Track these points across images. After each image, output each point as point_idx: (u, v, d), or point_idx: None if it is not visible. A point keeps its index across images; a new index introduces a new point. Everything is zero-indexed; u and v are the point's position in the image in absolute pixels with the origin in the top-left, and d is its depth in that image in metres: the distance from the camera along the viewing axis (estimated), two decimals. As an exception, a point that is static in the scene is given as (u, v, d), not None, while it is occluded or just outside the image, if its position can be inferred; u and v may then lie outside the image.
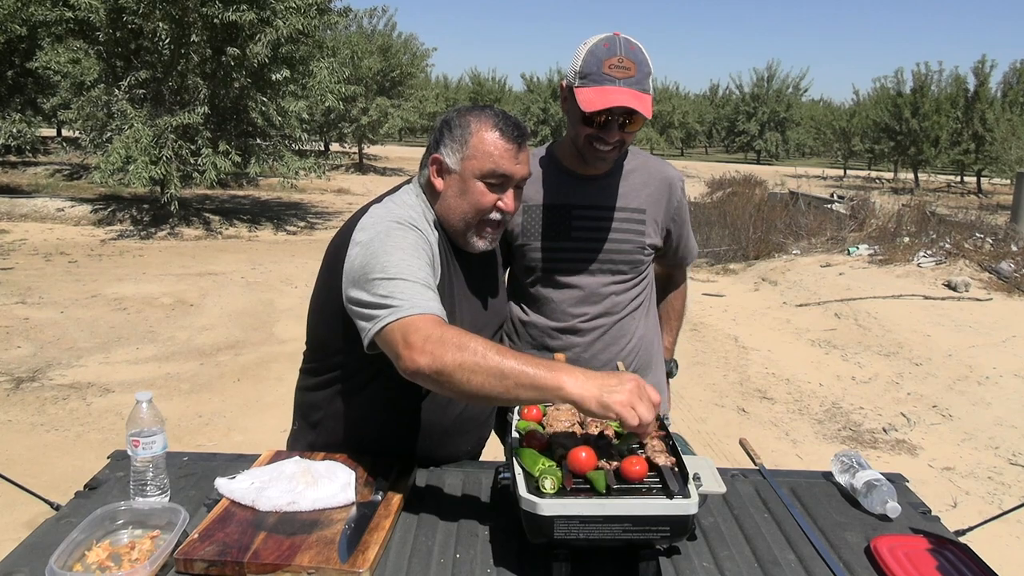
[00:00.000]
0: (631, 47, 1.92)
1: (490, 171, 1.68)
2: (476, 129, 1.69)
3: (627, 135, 1.99)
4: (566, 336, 2.19)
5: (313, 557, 1.34)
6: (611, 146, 1.98)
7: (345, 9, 13.83)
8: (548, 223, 2.13)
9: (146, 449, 1.53)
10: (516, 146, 1.70)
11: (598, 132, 1.96)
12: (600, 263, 2.13)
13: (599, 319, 2.17)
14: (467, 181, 1.70)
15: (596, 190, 2.12)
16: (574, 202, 2.12)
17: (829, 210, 14.63)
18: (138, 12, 11.24)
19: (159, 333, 6.99)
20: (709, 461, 1.59)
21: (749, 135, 43.15)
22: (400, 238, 1.61)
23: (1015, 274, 9.54)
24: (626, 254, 2.14)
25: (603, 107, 1.88)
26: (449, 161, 1.71)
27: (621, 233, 2.12)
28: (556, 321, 2.18)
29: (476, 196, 1.70)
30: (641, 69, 1.91)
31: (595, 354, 2.19)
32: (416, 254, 1.60)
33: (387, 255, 1.56)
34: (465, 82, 50.07)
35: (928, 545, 1.52)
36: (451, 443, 1.87)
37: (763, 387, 6.24)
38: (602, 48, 1.92)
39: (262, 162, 13.23)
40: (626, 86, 1.89)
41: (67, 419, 4.98)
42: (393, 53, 25.04)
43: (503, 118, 1.71)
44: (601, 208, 2.12)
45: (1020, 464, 4.87)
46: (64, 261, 10.08)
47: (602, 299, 2.16)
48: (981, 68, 28.10)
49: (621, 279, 2.16)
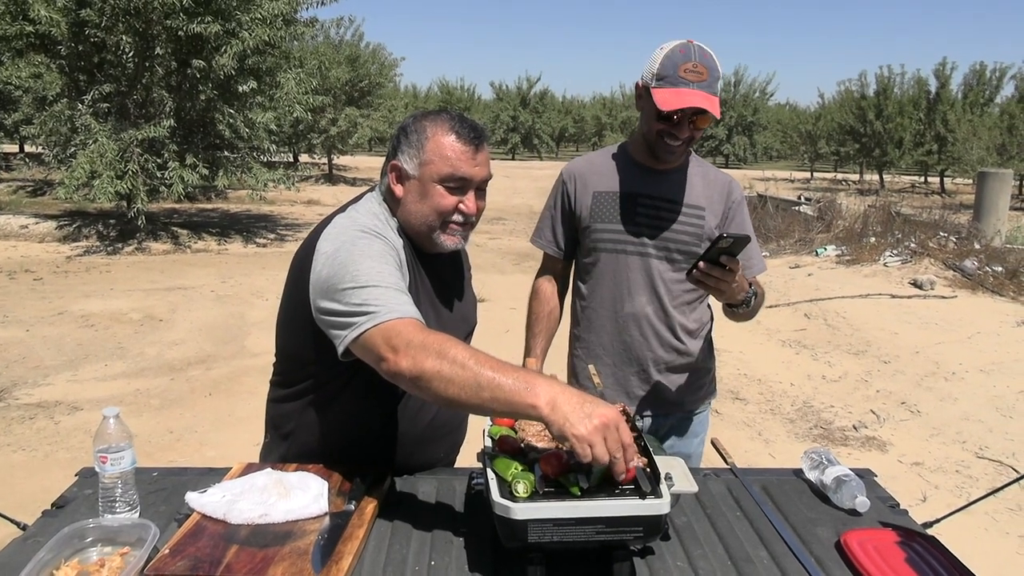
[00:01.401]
0: (704, 54, 2.11)
1: (448, 175, 1.68)
2: (432, 133, 1.68)
3: (696, 132, 2.18)
4: (622, 319, 2.34)
5: (286, 569, 1.33)
6: (680, 141, 2.18)
7: (312, 19, 13.75)
8: (614, 207, 2.32)
9: (114, 465, 1.51)
10: (473, 148, 1.69)
11: (670, 128, 2.16)
12: (658, 249, 2.30)
13: (655, 304, 2.32)
14: (426, 185, 1.69)
15: (662, 183, 2.31)
16: (641, 191, 2.31)
17: (797, 212, 14.79)
18: (101, 25, 11.10)
19: (128, 349, 6.90)
20: (681, 461, 1.60)
21: (717, 140, 43.50)
22: (366, 246, 1.61)
23: (979, 272, 9.72)
24: (683, 244, 2.29)
25: (678, 107, 2.07)
26: (407, 167, 1.71)
27: (681, 224, 2.29)
28: (615, 304, 2.34)
29: (436, 199, 1.69)
30: (712, 74, 2.11)
31: (648, 339, 2.33)
32: (384, 260, 1.60)
33: (355, 264, 1.56)
34: (434, 91, 50.06)
35: (897, 538, 1.54)
36: (425, 450, 1.87)
37: (735, 388, 6.29)
38: (678, 54, 2.10)
39: (230, 174, 13.12)
40: (699, 89, 2.08)
41: (34, 438, 4.89)
42: (361, 63, 24.97)
43: (459, 121, 1.71)
44: (665, 199, 2.30)
45: (987, 457, 4.95)
46: (29, 279, 9.92)
47: (660, 284, 2.31)
48: (942, 70, 28.62)
49: (677, 268, 2.31)
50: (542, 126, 47.27)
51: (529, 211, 18.81)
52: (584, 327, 2.44)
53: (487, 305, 8.26)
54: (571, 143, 55.92)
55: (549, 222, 2.48)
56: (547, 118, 48.06)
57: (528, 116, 46.54)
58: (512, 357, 2.52)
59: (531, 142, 47.30)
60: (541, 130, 47.19)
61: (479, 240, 14.07)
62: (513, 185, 25.73)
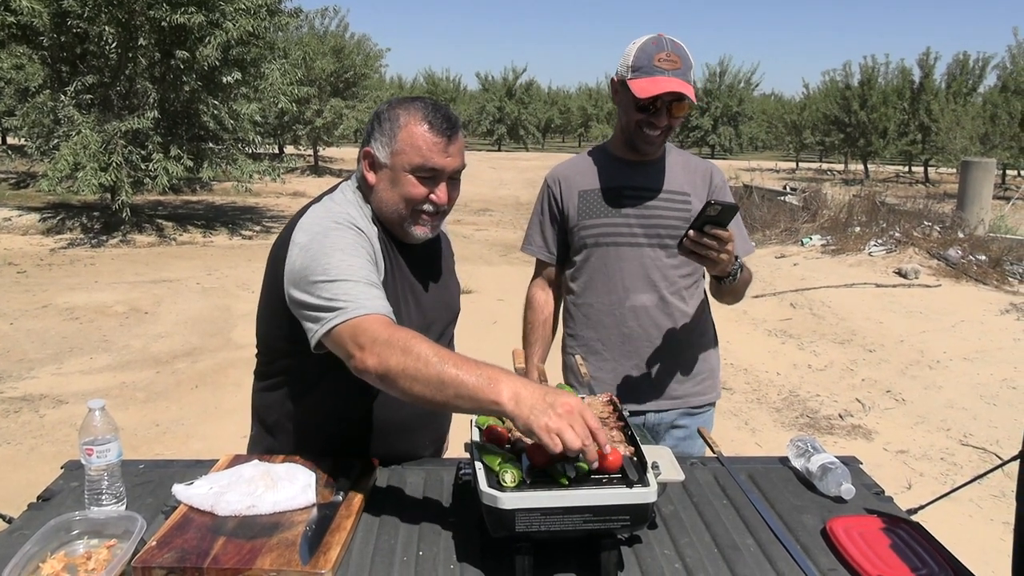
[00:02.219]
0: (675, 44, 2.16)
1: (419, 165, 1.67)
2: (405, 123, 1.67)
3: (674, 120, 2.21)
4: (619, 310, 2.34)
5: (274, 560, 1.33)
6: (659, 130, 2.22)
7: (296, 10, 13.66)
8: (601, 202, 2.34)
9: (100, 457, 1.51)
10: (446, 139, 1.68)
11: (648, 118, 2.19)
12: (648, 237, 2.31)
13: (649, 294, 2.33)
14: (398, 174, 1.69)
15: (644, 173, 2.34)
16: (625, 183, 2.33)
17: (782, 202, 14.85)
18: (83, 16, 10.99)
19: (113, 342, 6.86)
20: (668, 450, 1.61)
21: (703, 130, 43.56)
22: (339, 238, 1.62)
23: (962, 260, 9.79)
24: (673, 228, 2.28)
25: (655, 93, 2.11)
26: (380, 155, 1.70)
27: (667, 210, 2.31)
28: (611, 295, 2.35)
29: (407, 188, 1.69)
30: (685, 63, 2.17)
31: (646, 328, 2.34)
32: (356, 253, 1.61)
33: (327, 257, 1.57)
34: (420, 82, 49.86)
35: (882, 525, 1.55)
36: (409, 439, 1.87)
37: (722, 378, 6.31)
38: (651, 45, 2.16)
39: (215, 166, 13.03)
40: (674, 76, 2.13)
41: (19, 432, 4.86)
42: (346, 54, 24.81)
43: (433, 110, 1.69)
44: (649, 189, 2.33)
45: (971, 445, 5.00)
46: (12, 272, 9.84)
47: (655, 272, 2.32)
48: (926, 60, 28.70)
49: (670, 254, 2.31)
50: (528, 117, 47.19)
51: (516, 202, 18.81)
52: (580, 324, 2.42)
53: (474, 296, 8.25)
54: (557, 134, 55.93)
55: (538, 228, 2.48)
56: (533, 109, 47.97)
57: (514, 107, 46.44)
58: (500, 347, 2.52)
59: (517, 133, 47.23)
60: (527, 121, 47.11)
61: (466, 232, 14.05)
62: (499, 176, 25.70)
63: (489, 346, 3.02)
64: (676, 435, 2.43)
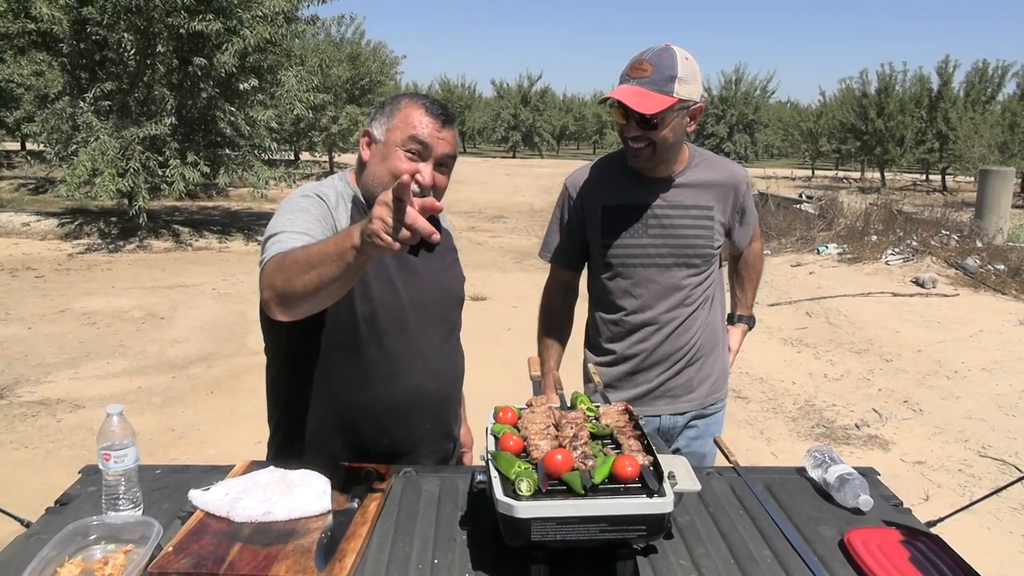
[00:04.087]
0: (660, 54, 2.09)
1: (410, 137, 1.77)
2: (404, 106, 1.81)
3: (652, 134, 2.11)
4: (645, 329, 2.34)
5: (290, 567, 1.33)
6: (639, 143, 2.14)
7: (313, 17, 13.72)
8: (625, 222, 2.30)
9: (118, 462, 1.51)
10: (440, 122, 1.79)
11: (623, 130, 2.15)
12: (676, 258, 2.29)
13: (676, 311, 2.33)
14: (389, 149, 1.79)
15: (666, 190, 2.29)
16: (647, 201, 2.29)
17: (798, 210, 14.78)
18: (102, 23, 11.09)
19: (129, 347, 6.91)
20: (684, 459, 1.60)
21: (718, 137, 43.42)
22: (293, 203, 1.74)
23: (980, 270, 9.71)
24: (699, 248, 2.30)
25: (605, 98, 2.09)
26: (376, 132, 1.83)
27: (693, 229, 2.29)
28: (636, 315, 2.34)
29: (394, 162, 1.77)
30: (661, 72, 2.05)
31: (668, 344, 2.34)
32: (304, 212, 1.71)
33: (275, 220, 1.71)
34: (435, 89, 50.02)
35: (901, 537, 1.54)
36: (408, 421, 1.88)
37: (737, 387, 6.29)
38: (636, 55, 2.11)
39: (231, 172, 13.09)
40: (638, 85, 2.05)
41: (37, 436, 4.90)
42: (362, 61, 24.96)
43: (432, 100, 1.83)
44: (674, 207, 2.28)
45: (990, 456, 4.95)
46: (31, 276, 9.92)
47: (678, 291, 2.32)
48: (944, 68, 28.54)
49: (694, 272, 2.32)
50: (543, 124, 47.25)
51: (530, 209, 18.81)
52: (604, 336, 2.43)
53: (488, 303, 8.25)
54: (572, 141, 55.95)
55: (557, 235, 2.46)
56: (548, 116, 48.03)
57: (529, 114, 46.51)
58: (514, 353, 2.53)
59: (532, 140, 47.28)
60: (542, 128, 47.17)
61: (480, 239, 14.07)
62: (514, 183, 25.72)
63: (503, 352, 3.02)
64: (688, 435, 2.46)
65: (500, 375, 2.61)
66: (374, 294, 1.80)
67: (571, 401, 1.78)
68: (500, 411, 1.66)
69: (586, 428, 1.56)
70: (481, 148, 56.32)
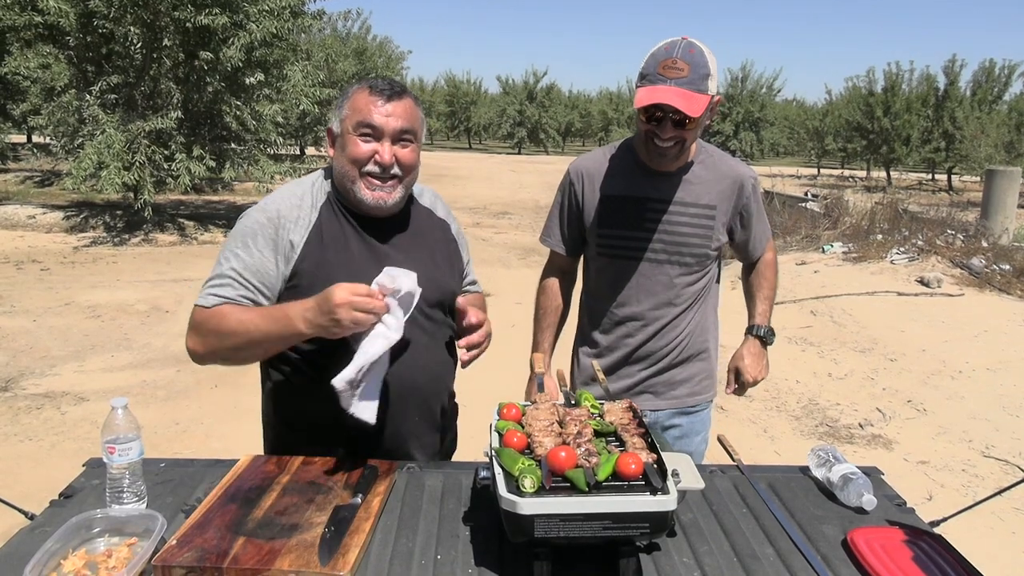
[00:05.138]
0: (690, 50, 2.04)
1: (359, 122, 1.80)
2: (352, 93, 1.85)
3: (686, 133, 2.10)
4: (630, 323, 2.33)
5: (293, 561, 1.34)
6: (668, 143, 2.11)
7: (319, 12, 13.72)
8: (622, 213, 2.27)
9: (122, 456, 1.52)
10: (384, 99, 1.81)
11: (655, 129, 2.10)
12: (669, 255, 2.26)
13: (664, 308, 2.31)
14: (345, 138, 1.83)
15: (670, 185, 2.26)
16: (649, 195, 2.26)
17: (803, 209, 14.74)
18: (109, 16, 11.10)
19: (134, 340, 6.92)
20: (687, 457, 1.60)
21: (724, 135, 43.30)
22: (245, 228, 1.83)
23: (986, 270, 9.68)
24: (695, 247, 2.26)
25: (648, 103, 2.03)
26: (335, 128, 1.87)
27: (691, 228, 2.25)
28: (623, 308, 2.32)
29: (351, 148, 1.81)
30: (697, 71, 2.02)
31: (653, 342, 2.32)
32: (246, 247, 1.80)
33: (223, 250, 1.83)
34: (440, 84, 50.02)
35: (904, 537, 1.54)
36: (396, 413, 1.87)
37: (741, 385, 6.28)
38: (662, 51, 2.05)
39: (237, 167, 13.10)
40: (677, 85, 2.01)
41: (41, 428, 4.91)
42: (368, 56, 25.00)
43: (377, 79, 1.87)
44: (674, 203, 2.25)
45: (994, 457, 4.94)
46: (36, 269, 9.94)
47: (668, 289, 2.29)
48: (951, 67, 28.44)
49: (687, 271, 2.29)
50: (548, 120, 47.20)
51: (535, 206, 18.79)
52: (591, 325, 2.43)
53: (492, 300, 8.24)
54: (577, 138, 55.83)
55: (557, 221, 2.46)
56: (553, 112, 47.97)
57: (534, 110, 46.47)
58: (518, 350, 2.52)
59: (537, 136, 47.25)
60: (547, 124, 47.12)
61: (485, 235, 14.06)
62: (519, 180, 25.71)
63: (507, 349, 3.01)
64: (672, 434, 2.43)
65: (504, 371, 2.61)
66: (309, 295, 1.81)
67: (575, 398, 1.78)
68: (504, 407, 1.66)
69: (590, 425, 1.56)
70: (487, 144, 56.28)
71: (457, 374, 2.06)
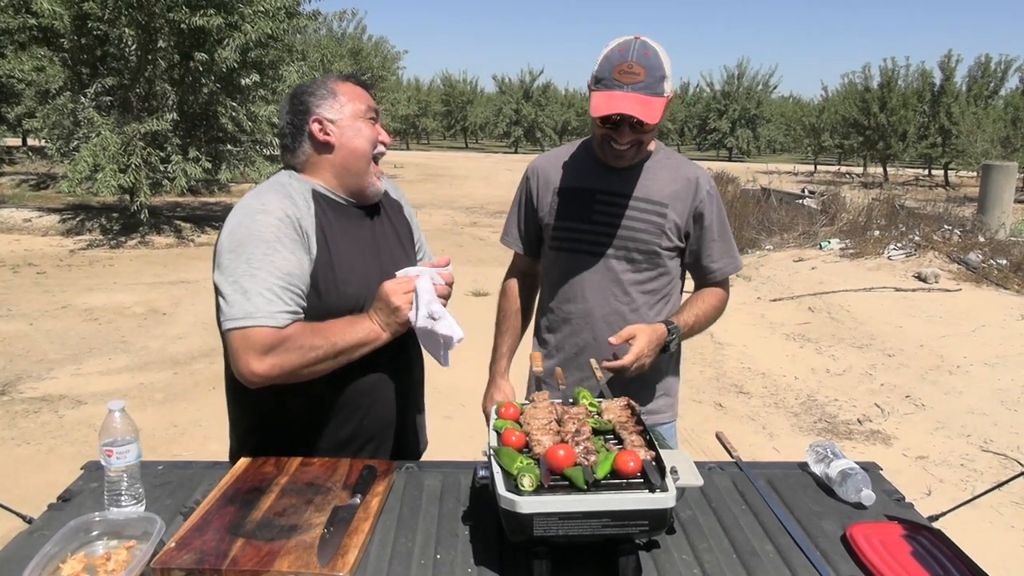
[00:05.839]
0: (645, 52, 1.98)
1: (366, 108, 1.91)
2: (338, 85, 1.90)
3: (642, 135, 2.06)
4: (577, 321, 2.25)
5: (292, 562, 1.33)
6: (625, 146, 2.07)
7: (314, 12, 13.71)
8: (572, 205, 2.23)
9: (120, 459, 1.52)
10: (367, 87, 1.97)
11: (612, 133, 2.06)
12: (616, 248, 2.19)
13: (611, 305, 2.21)
14: (357, 121, 1.88)
15: (621, 179, 2.19)
16: (598, 187, 2.20)
17: (800, 205, 14.76)
18: (103, 18, 11.08)
19: (131, 343, 6.91)
20: (686, 455, 1.60)
21: (721, 132, 43.45)
22: (263, 230, 1.72)
23: (983, 265, 9.70)
24: (643, 243, 2.17)
25: (606, 113, 1.98)
26: (330, 114, 1.86)
27: (640, 222, 2.17)
28: (570, 304, 2.25)
29: (369, 131, 1.89)
30: (652, 74, 1.96)
31: (600, 342, 2.19)
32: (278, 243, 1.71)
33: (249, 249, 1.70)
34: (437, 84, 50.00)
35: (903, 531, 1.54)
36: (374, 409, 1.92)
37: (739, 382, 6.29)
38: (616, 54, 1.99)
39: (233, 168, 13.09)
40: (633, 91, 1.96)
41: (39, 432, 4.90)
42: (364, 56, 25.02)
43: (344, 74, 1.98)
44: (624, 196, 2.18)
45: (992, 451, 4.94)
46: (32, 272, 9.93)
47: (615, 285, 2.21)
48: (947, 63, 28.53)
49: (635, 268, 2.20)
50: (545, 119, 47.25)
51: (532, 204, 18.76)
52: (544, 326, 2.37)
53: (490, 299, 8.23)
54: (574, 136, 55.84)
55: (515, 220, 2.41)
56: (550, 111, 48.02)
57: (531, 109, 46.52)
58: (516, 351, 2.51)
59: (534, 135, 47.30)
60: (544, 123, 47.17)
61: (482, 234, 14.06)
62: (516, 179, 25.49)
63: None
64: None
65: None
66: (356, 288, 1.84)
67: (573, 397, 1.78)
68: (502, 406, 1.66)
69: (588, 423, 1.56)
70: (483, 144, 56.29)
71: (457, 374, 2.07)
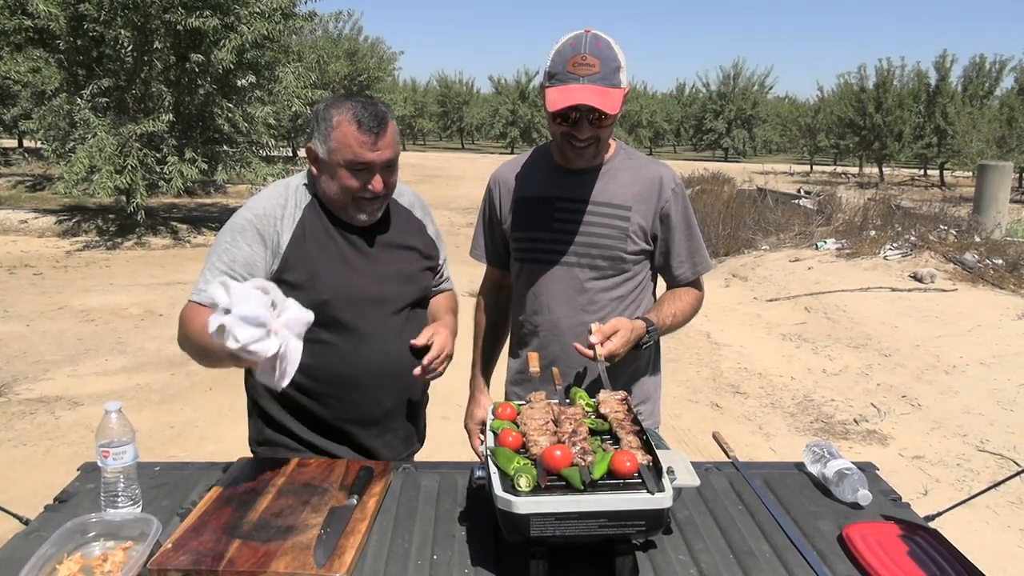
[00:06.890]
0: (597, 44, 1.92)
1: (351, 160, 1.83)
2: (338, 123, 1.83)
3: (601, 130, 1.99)
4: (544, 334, 2.15)
5: (289, 563, 1.33)
6: (584, 142, 2.00)
7: (310, 13, 13.70)
8: (532, 214, 2.16)
9: (116, 460, 1.51)
10: (374, 137, 1.83)
11: (570, 129, 1.98)
12: (578, 256, 2.10)
13: (576, 315, 2.11)
14: (335, 169, 1.86)
15: (580, 184, 2.12)
16: (557, 194, 2.13)
17: (797, 205, 14.77)
18: (99, 20, 11.07)
19: (128, 344, 6.90)
20: (683, 455, 1.60)
21: (717, 133, 43.47)
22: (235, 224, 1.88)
23: (979, 264, 9.71)
24: (606, 248, 2.09)
25: (564, 106, 1.90)
26: (319, 151, 1.88)
27: (601, 228, 2.09)
28: (537, 315, 2.16)
29: (343, 181, 1.86)
30: (607, 65, 1.91)
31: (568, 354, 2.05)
32: (233, 243, 1.85)
33: (214, 245, 1.88)
34: (433, 85, 50.00)
35: (899, 531, 1.54)
36: (370, 398, 1.96)
37: (736, 382, 6.29)
38: (568, 47, 1.93)
39: (229, 169, 13.08)
40: (590, 83, 1.90)
41: (35, 433, 4.89)
42: (360, 57, 24.98)
43: (363, 109, 1.83)
44: (583, 201, 2.10)
45: (988, 451, 4.95)
46: (29, 273, 9.91)
47: (580, 294, 2.12)
48: (942, 63, 28.56)
49: (600, 275, 2.11)
50: (541, 120, 47.16)
51: (529, 205, 18.77)
52: (514, 339, 2.31)
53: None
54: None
55: (482, 231, 2.33)
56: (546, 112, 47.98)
57: (527, 110, 46.49)
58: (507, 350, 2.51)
59: (530, 136, 47.27)
60: (540, 124, 47.11)
61: (479, 234, 14.04)
62: (513, 179, 25.62)
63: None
64: None
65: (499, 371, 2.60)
66: (321, 287, 1.87)
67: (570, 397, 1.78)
68: (499, 407, 1.66)
69: (585, 424, 1.56)
70: (479, 144, 56.28)
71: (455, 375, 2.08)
